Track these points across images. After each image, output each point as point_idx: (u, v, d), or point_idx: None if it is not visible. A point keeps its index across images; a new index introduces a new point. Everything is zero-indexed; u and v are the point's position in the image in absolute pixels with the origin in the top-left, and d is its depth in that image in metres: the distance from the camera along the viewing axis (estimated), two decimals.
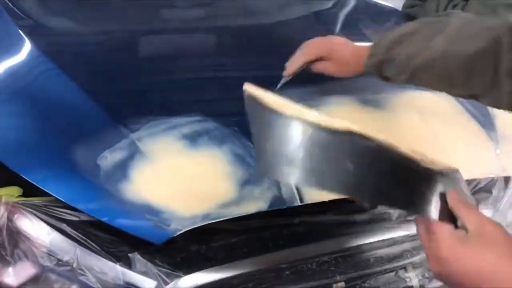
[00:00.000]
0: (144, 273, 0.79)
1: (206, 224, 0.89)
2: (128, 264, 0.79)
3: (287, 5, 1.53)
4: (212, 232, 0.90)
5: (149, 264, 0.79)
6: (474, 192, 1.10)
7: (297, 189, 0.82)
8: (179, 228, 0.73)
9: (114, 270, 0.78)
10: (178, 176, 0.79)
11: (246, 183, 0.80)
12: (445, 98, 1.11)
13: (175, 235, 0.73)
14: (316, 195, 0.82)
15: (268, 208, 0.78)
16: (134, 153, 0.79)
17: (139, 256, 0.80)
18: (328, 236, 0.92)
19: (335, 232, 0.93)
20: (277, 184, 0.81)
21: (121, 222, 0.74)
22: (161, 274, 0.79)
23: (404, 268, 0.97)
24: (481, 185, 1.12)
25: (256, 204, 0.78)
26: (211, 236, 0.90)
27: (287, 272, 0.87)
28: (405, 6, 1.86)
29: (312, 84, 1.05)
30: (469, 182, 1.09)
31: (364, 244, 0.93)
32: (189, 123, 0.86)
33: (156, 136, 0.83)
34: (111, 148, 0.79)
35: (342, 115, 0.98)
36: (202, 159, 0.81)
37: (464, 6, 1.54)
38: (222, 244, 0.88)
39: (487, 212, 1.08)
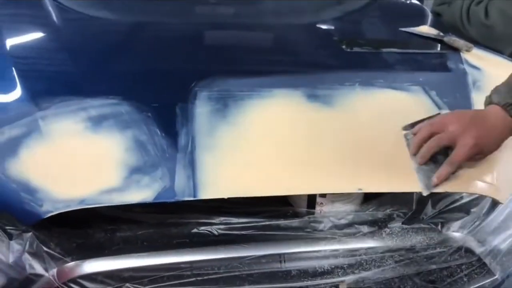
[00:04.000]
0: (34, 255, 0.77)
1: (122, 213, 0.87)
2: (21, 244, 0.78)
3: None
4: (125, 222, 0.86)
5: (40, 246, 0.77)
6: (447, 211, 0.94)
7: (194, 183, 0.75)
8: (50, 209, 0.70)
9: (4, 247, 0.77)
10: (65, 158, 0.76)
11: (136, 171, 0.75)
12: (419, 98, 0.97)
13: (45, 217, 0.70)
14: (216, 192, 0.75)
15: (154, 199, 0.73)
16: (32, 131, 0.78)
17: (32, 236, 0.78)
18: (245, 239, 0.83)
19: (253, 236, 0.84)
20: (172, 175, 0.75)
21: None
22: (47, 257, 0.77)
23: (335, 286, 0.85)
24: (460, 202, 0.96)
25: (141, 193, 0.73)
26: (120, 226, 0.86)
27: (188, 273, 0.81)
28: (434, 3, 1.70)
29: (256, 74, 0.97)
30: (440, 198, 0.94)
31: (286, 253, 0.84)
32: (102, 106, 0.84)
33: (62, 116, 0.81)
34: (12, 124, 0.79)
35: (284, 109, 0.90)
36: (98, 143, 0.78)
37: (488, 3, 1.35)
38: (127, 235, 0.84)
39: (456, 234, 0.91)
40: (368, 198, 0.93)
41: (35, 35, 1.08)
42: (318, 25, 1.28)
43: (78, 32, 1.07)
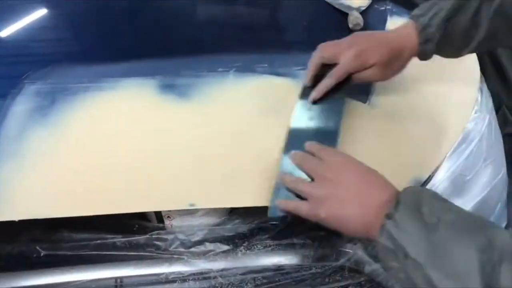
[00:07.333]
0: None
1: None
2: None
3: None
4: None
5: None
6: None
7: None
8: None
9: None
10: None
11: None
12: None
13: None
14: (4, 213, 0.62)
15: None
16: None
17: None
18: (75, 261, 0.71)
19: (86, 257, 0.71)
20: None
21: None
22: None
23: None
24: None
25: None
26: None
27: None
28: None
29: (109, 61, 0.82)
30: None
31: (123, 277, 0.71)
32: None
33: None
34: None
35: (126, 104, 0.75)
36: None
37: None
38: None
39: (338, 250, 0.76)
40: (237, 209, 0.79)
41: None
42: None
43: None
